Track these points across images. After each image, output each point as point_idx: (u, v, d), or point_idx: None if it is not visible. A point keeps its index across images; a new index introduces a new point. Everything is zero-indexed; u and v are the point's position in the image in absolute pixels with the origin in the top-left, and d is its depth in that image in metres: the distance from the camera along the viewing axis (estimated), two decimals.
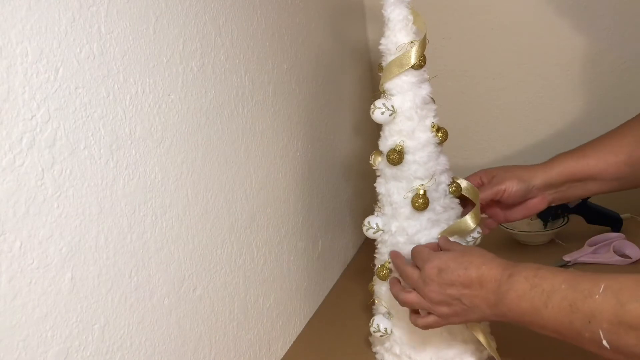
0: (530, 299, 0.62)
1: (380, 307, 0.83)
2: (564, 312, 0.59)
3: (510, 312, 0.64)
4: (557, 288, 0.60)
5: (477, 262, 0.67)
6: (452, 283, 0.67)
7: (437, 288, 0.68)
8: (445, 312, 0.69)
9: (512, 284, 0.63)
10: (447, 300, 0.68)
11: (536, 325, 0.62)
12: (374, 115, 0.76)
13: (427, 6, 0.77)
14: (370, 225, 0.81)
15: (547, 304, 0.60)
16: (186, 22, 0.70)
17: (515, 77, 1.26)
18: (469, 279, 0.66)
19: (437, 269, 0.69)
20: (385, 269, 0.82)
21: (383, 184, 0.80)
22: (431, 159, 0.77)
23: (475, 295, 0.66)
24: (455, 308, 0.68)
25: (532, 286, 0.62)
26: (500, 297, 0.64)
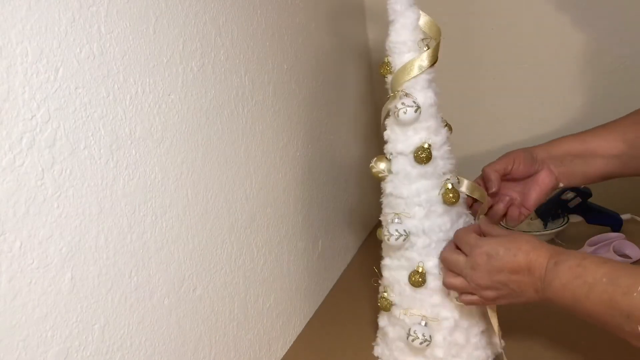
0: (573, 289, 0.63)
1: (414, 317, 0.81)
2: (604, 306, 0.60)
3: (557, 299, 0.65)
4: (598, 281, 0.61)
5: (526, 248, 0.68)
6: (500, 269, 0.68)
7: (486, 274, 0.70)
8: (492, 296, 0.71)
9: (557, 273, 0.65)
10: (495, 286, 0.70)
11: (579, 314, 0.64)
12: (400, 117, 0.74)
13: (427, 6, 0.77)
14: (399, 233, 0.76)
15: (588, 295, 0.61)
16: (186, 22, 0.70)
17: (515, 77, 1.26)
18: (518, 265, 0.67)
19: (485, 255, 0.70)
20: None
21: (406, 186, 0.77)
22: (451, 153, 0.78)
23: (524, 281, 0.67)
24: (502, 292, 0.70)
25: (574, 277, 0.63)
26: (546, 285, 0.65)
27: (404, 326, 0.80)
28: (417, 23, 0.75)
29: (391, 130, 0.78)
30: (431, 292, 0.78)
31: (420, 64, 0.74)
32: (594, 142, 0.82)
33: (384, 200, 0.81)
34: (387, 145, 0.79)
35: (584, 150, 0.83)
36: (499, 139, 1.31)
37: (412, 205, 0.77)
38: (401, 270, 0.80)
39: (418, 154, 0.75)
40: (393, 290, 0.82)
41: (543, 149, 0.85)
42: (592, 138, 0.83)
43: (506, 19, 1.23)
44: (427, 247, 0.78)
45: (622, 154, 0.81)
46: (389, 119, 0.78)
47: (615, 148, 0.81)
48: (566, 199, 1.12)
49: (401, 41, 0.75)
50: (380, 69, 0.78)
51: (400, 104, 0.74)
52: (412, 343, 0.77)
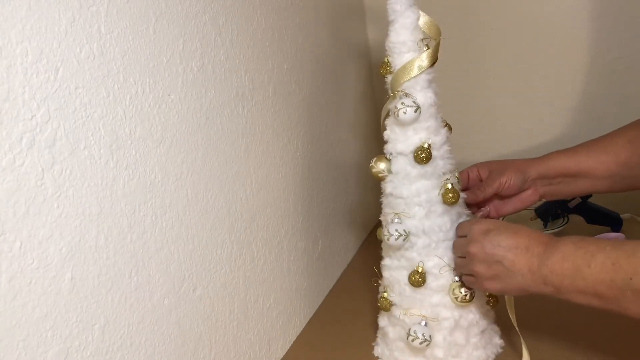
0: (574, 258, 0.63)
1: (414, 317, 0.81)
2: (606, 270, 0.59)
3: (552, 274, 0.64)
4: (602, 248, 0.61)
5: (528, 230, 0.69)
6: (498, 244, 0.69)
7: (481, 247, 0.70)
8: (483, 272, 0.70)
9: (558, 246, 0.65)
10: (487, 260, 0.70)
11: (575, 290, 0.63)
12: (399, 117, 0.74)
13: (427, 6, 0.77)
14: (399, 233, 0.76)
15: (589, 263, 0.61)
16: (186, 22, 0.70)
17: (515, 77, 1.26)
18: (517, 242, 0.68)
19: (485, 229, 0.71)
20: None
21: (406, 186, 0.77)
22: (450, 153, 0.78)
23: (519, 260, 0.67)
24: (494, 270, 0.69)
25: (577, 248, 0.63)
26: (543, 260, 0.65)
27: (404, 326, 0.80)
28: (417, 23, 0.75)
29: (391, 130, 0.78)
30: (431, 292, 0.78)
31: (420, 64, 0.74)
32: (587, 163, 0.82)
33: (383, 200, 0.81)
34: (387, 145, 0.79)
35: (575, 169, 0.83)
36: (498, 139, 1.31)
37: (412, 205, 0.77)
38: (401, 270, 0.80)
39: (418, 154, 0.75)
40: (393, 290, 0.82)
41: (536, 168, 0.84)
42: (586, 159, 0.82)
43: (506, 19, 1.23)
44: (427, 247, 0.78)
45: (613, 174, 0.81)
46: (389, 119, 0.78)
47: (607, 170, 0.81)
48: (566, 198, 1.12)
49: (401, 41, 0.75)
50: (380, 69, 0.78)
51: (400, 104, 0.74)
52: (412, 343, 0.77)
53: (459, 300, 0.77)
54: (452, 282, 0.78)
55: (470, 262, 0.72)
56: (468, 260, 0.72)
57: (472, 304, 0.78)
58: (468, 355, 0.80)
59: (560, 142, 1.27)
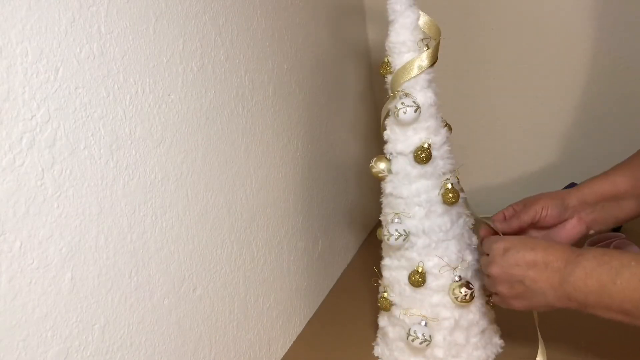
0: (598, 275, 0.61)
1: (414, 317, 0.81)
2: (633, 288, 0.58)
3: (576, 291, 0.63)
4: (627, 264, 0.59)
5: (543, 244, 0.68)
6: (516, 263, 0.68)
7: (500, 268, 0.69)
8: (506, 293, 0.70)
9: (579, 262, 0.63)
10: (509, 280, 0.69)
11: (601, 306, 0.62)
12: (399, 117, 0.74)
13: (427, 6, 0.77)
14: (398, 233, 0.77)
15: (615, 280, 0.60)
16: (186, 22, 0.70)
17: (515, 77, 1.26)
18: (535, 259, 0.67)
19: (502, 248, 0.70)
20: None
21: (405, 186, 0.77)
22: (450, 153, 0.78)
23: (539, 277, 0.66)
24: (517, 290, 0.69)
25: (600, 263, 0.62)
26: (565, 277, 0.64)
27: (404, 326, 0.80)
28: (416, 23, 0.75)
29: (391, 130, 0.78)
30: (431, 292, 0.78)
31: (419, 64, 0.74)
32: (624, 184, 0.79)
33: (383, 200, 0.81)
34: (387, 145, 0.79)
35: (616, 193, 0.80)
36: (498, 139, 1.31)
37: (412, 205, 0.77)
38: (401, 270, 0.80)
39: (418, 153, 0.75)
40: (393, 290, 0.82)
41: (575, 195, 0.81)
42: (622, 179, 0.80)
43: (506, 19, 1.23)
44: (427, 247, 0.78)
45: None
46: (389, 119, 0.78)
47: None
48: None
49: (401, 41, 0.75)
50: (380, 69, 0.78)
51: (400, 104, 0.74)
52: (412, 343, 0.77)
53: (459, 300, 0.77)
54: (452, 282, 0.78)
55: (493, 282, 0.71)
56: (492, 280, 0.72)
57: (472, 304, 0.78)
58: (468, 355, 0.80)
59: (560, 143, 1.27)
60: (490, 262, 0.71)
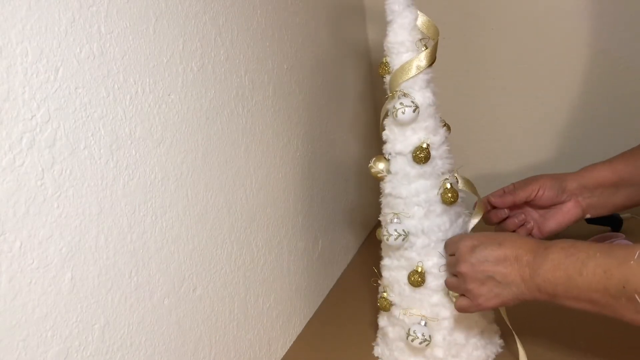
0: (565, 267, 0.62)
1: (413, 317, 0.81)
2: (598, 278, 0.59)
3: (545, 282, 0.63)
4: (592, 256, 0.60)
5: (512, 238, 0.68)
6: (485, 259, 0.68)
7: (470, 266, 0.69)
8: (477, 292, 0.69)
9: (547, 255, 0.64)
10: (479, 278, 0.68)
11: (569, 297, 0.62)
12: (398, 117, 0.74)
13: (427, 6, 0.77)
14: (398, 233, 0.76)
15: (581, 271, 0.60)
16: (186, 22, 0.70)
17: (515, 77, 1.26)
18: (504, 254, 0.67)
19: (470, 246, 0.70)
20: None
21: (404, 186, 0.77)
22: (449, 153, 0.78)
23: (510, 272, 0.66)
24: (488, 286, 0.68)
25: (567, 255, 0.62)
26: (535, 269, 0.64)
27: (403, 326, 0.81)
28: (414, 23, 0.75)
29: (390, 130, 0.78)
30: (431, 292, 0.78)
31: (418, 64, 0.74)
32: (626, 171, 0.80)
33: (383, 200, 0.81)
34: (386, 145, 0.79)
35: (616, 180, 0.81)
36: (498, 139, 1.31)
37: (411, 205, 0.77)
38: (401, 270, 0.80)
39: (416, 153, 0.75)
40: (393, 290, 0.82)
41: (575, 179, 0.82)
42: (624, 166, 0.81)
43: (506, 19, 1.23)
44: (427, 247, 0.78)
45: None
46: (388, 119, 0.78)
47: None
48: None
49: (399, 41, 0.75)
50: (378, 69, 0.78)
51: (398, 104, 0.74)
52: (412, 343, 0.77)
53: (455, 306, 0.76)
54: None
55: (463, 281, 0.71)
56: (461, 280, 0.71)
57: None
58: (468, 355, 0.80)
59: (560, 142, 1.27)
60: (458, 260, 0.71)
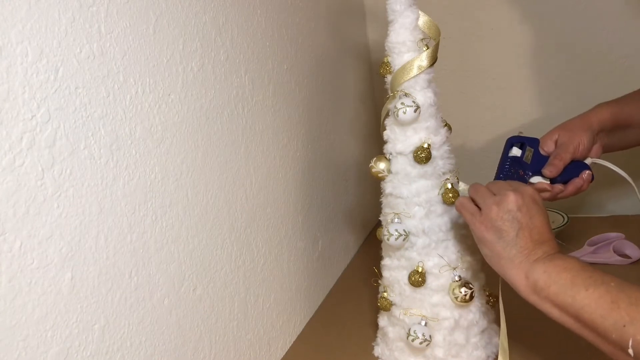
0: (574, 274, 0.60)
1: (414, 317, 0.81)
2: (602, 304, 0.57)
3: (543, 273, 0.62)
4: (607, 282, 0.58)
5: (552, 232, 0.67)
6: (528, 212, 0.65)
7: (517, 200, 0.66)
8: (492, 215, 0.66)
9: (565, 258, 0.63)
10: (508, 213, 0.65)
11: (556, 302, 0.60)
12: (399, 117, 0.74)
13: (427, 6, 0.77)
14: (398, 233, 0.76)
15: (588, 287, 0.58)
16: (186, 22, 0.70)
17: (515, 77, 1.26)
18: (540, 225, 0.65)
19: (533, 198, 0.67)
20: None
21: (405, 186, 0.77)
22: (450, 153, 0.78)
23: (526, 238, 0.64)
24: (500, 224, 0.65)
25: (582, 268, 0.61)
26: (543, 257, 0.63)
27: (404, 326, 0.81)
28: (416, 23, 0.75)
29: (391, 130, 0.78)
30: (431, 292, 0.78)
31: (419, 63, 0.74)
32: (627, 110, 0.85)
33: (383, 200, 0.81)
34: (387, 145, 0.79)
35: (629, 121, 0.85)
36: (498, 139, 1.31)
37: (412, 205, 0.77)
38: (401, 270, 0.80)
39: (417, 153, 0.75)
40: (393, 290, 0.82)
41: (597, 121, 0.85)
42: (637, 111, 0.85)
43: (506, 19, 1.23)
44: (427, 247, 0.78)
45: None
46: (389, 119, 0.78)
47: None
48: (517, 155, 0.90)
49: (400, 41, 0.75)
50: (379, 69, 0.78)
51: (399, 103, 0.74)
52: (412, 343, 0.77)
53: (459, 300, 0.77)
54: (452, 282, 0.78)
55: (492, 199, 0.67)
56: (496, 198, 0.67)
57: (472, 303, 0.78)
58: (468, 355, 0.80)
59: None
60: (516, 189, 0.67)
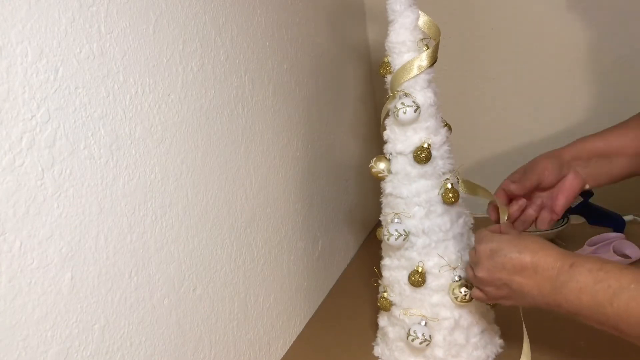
0: (594, 293, 0.59)
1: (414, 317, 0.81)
2: (631, 313, 0.56)
3: (567, 303, 0.61)
4: (626, 287, 0.57)
5: (534, 247, 0.65)
6: (502, 266, 0.66)
7: (486, 270, 0.68)
8: (493, 294, 0.69)
9: (573, 275, 0.61)
10: (495, 283, 0.67)
11: (594, 320, 0.60)
12: (399, 117, 0.74)
13: (427, 6, 0.77)
14: (398, 233, 0.76)
15: (612, 301, 0.58)
16: (186, 22, 0.70)
17: (515, 77, 1.26)
18: (522, 263, 0.65)
19: (489, 250, 0.68)
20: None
21: (405, 186, 0.77)
22: (450, 153, 0.78)
23: (527, 283, 0.64)
24: (502, 292, 0.67)
25: (596, 280, 0.59)
26: (557, 287, 0.62)
27: (404, 326, 0.81)
28: (416, 23, 0.75)
29: (391, 130, 0.78)
30: (431, 292, 0.78)
31: (419, 63, 0.74)
32: (617, 141, 0.81)
33: (383, 200, 0.81)
34: (387, 145, 0.79)
35: (608, 150, 0.82)
36: (498, 139, 1.31)
37: (412, 205, 0.77)
38: (401, 270, 0.80)
39: (417, 153, 0.75)
40: (393, 290, 0.82)
41: (569, 151, 0.83)
42: (616, 137, 0.82)
43: (506, 19, 1.23)
44: (427, 247, 0.78)
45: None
46: (389, 119, 0.78)
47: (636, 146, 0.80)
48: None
49: (400, 41, 0.75)
50: (379, 69, 0.78)
51: (399, 103, 0.74)
52: (412, 343, 0.77)
53: (459, 300, 0.77)
54: (452, 282, 0.78)
55: (479, 283, 0.70)
56: (477, 281, 0.70)
57: (472, 303, 0.78)
58: (468, 355, 0.80)
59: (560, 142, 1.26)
60: (477, 263, 0.70)
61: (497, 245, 0.68)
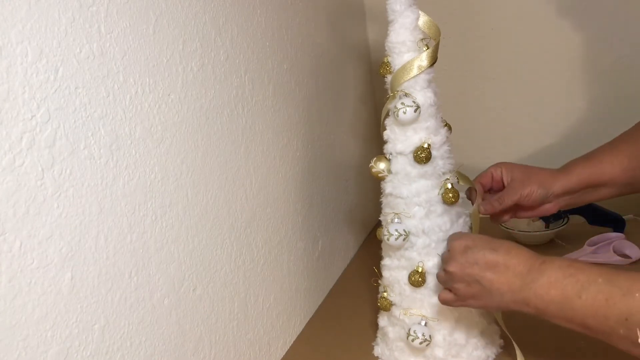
0: (563, 287, 0.60)
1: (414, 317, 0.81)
2: (598, 305, 0.57)
3: (536, 298, 0.62)
4: (593, 280, 0.59)
5: (508, 246, 0.67)
6: (475, 262, 0.67)
7: (459, 265, 0.68)
8: (463, 292, 0.69)
9: (544, 271, 0.63)
10: (466, 279, 0.68)
11: (562, 317, 0.61)
12: (399, 117, 0.74)
13: (427, 6, 0.77)
14: (398, 233, 0.76)
15: (580, 294, 0.59)
16: (186, 22, 0.70)
17: (515, 77, 1.26)
18: (494, 260, 0.66)
19: (463, 246, 0.69)
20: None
21: (405, 186, 0.77)
22: (450, 153, 0.78)
23: (497, 280, 0.65)
24: (473, 289, 0.68)
25: (565, 275, 0.61)
26: (527, 282, 0.63)
27: (404, 326, 0.81)
28: (416, 23, 0.75)
29: (391, 130, 0.78)
30: (431, 292, 0.78)
31: (419, 63, 0.74)
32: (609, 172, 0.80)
33: (383, 200, 0.81)
34: (387, 145, 0.79)
35: (599, 181, 0.81)
36: (498, 139, 1.31)
37: (412, 205, 0.77)
38: (401, 270, 0.80)
39: (417, 153, 0.75)
40: (393, 290, 0.82)
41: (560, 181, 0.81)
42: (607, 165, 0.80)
43: (506, 19, 1.23)
44: (427, 247, 0.78)
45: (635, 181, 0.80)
46: (389, 119, 0.78)
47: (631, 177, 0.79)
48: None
49: (400, 41, 0.75)
50: (379, 69, 0.78)
51: (399, 103, 0.74)
52: (412, 343, 0.77)
53: None
54: None
55: (450, 279, 0.70)
56: (449, 277, 0.70)
57: None
58: (468, 355, 0.80)
59: (560, 142, 1.27)
60: (449, 258, 0.70)
61: (472, 243, 0.69)
